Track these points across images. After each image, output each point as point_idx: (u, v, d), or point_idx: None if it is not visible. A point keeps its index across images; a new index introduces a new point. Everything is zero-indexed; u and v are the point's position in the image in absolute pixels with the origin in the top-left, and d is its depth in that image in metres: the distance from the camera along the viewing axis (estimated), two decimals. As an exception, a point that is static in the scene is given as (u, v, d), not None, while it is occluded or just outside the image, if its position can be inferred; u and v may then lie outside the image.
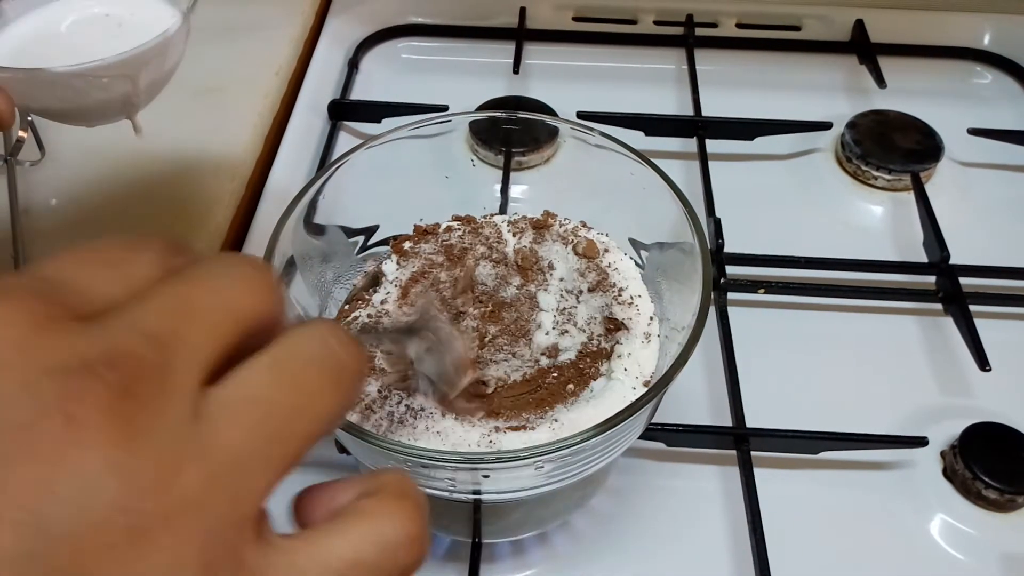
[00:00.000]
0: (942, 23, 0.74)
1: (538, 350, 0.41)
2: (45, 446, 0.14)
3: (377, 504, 0.18)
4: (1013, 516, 0.44)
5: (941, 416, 0.49)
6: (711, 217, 0.57)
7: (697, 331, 0.36)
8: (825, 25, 0.76)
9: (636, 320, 0.42)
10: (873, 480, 0.47)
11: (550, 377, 0.40)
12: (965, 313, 0.52)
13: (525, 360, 0.41)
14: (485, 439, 0.36)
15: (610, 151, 0.45)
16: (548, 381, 0.40)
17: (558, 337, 0.42)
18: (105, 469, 0.15)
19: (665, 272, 0.44)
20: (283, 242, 0.40)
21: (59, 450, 0.14)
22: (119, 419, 0.15)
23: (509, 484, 0.35)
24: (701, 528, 0.45)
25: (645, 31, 0.76)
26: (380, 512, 0.18)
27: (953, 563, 0.43)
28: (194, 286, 0.17)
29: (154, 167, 0.60)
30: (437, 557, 0.43)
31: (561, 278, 0.44)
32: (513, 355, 0.41)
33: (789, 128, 0.65)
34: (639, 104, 0.66)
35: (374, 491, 0.18)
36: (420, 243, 0.46)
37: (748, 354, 0.50)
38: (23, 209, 0.55)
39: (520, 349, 0.41)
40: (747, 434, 0.46)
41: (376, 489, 0.18)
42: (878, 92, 0.69)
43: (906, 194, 0.61)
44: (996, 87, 0.72)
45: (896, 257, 0.58)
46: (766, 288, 0.55)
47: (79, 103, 0.40)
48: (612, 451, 0.37)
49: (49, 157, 0.58)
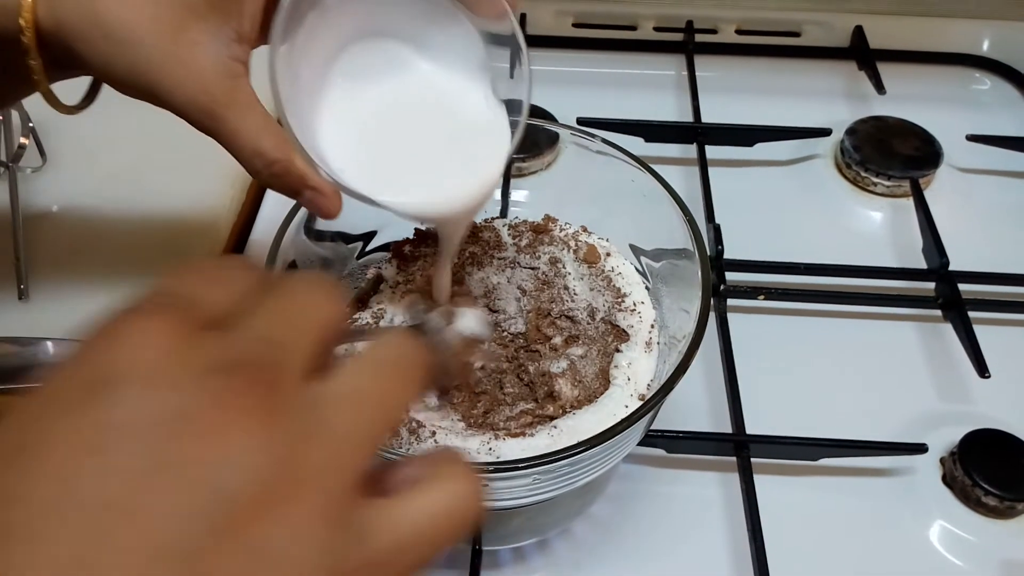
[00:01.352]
0: (941, 29, 0.75)
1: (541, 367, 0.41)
2: (208, 428, 0.18)
3: (445, 470, 0.22)
4: (1012, 523, 0.45)
5: (940, 423, 0.49)
6: (711, 223, 0.57)
7: (697, 338, 0.36)
8: (824, 31, 0.76)
9: (638, 328, 0.42)
10: (873, 487, 0.47)
11: (551, 381, 0.40)
12: (964, 319, 0.52)
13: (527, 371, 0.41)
14: (485, 446, 0.36)
15: (610, 157, 0.45)
16: (548, 386, 0.40)
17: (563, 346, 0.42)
18: (255, 446, 0.18)
19: (665, 278, 0.44)
20: (285, 248, 0.40)
21: (219, 432, 0.18)
22: (259, 407, 0.19)
23: (508, 492, 0.35)
24: (701, 535, 0.45)
25: (645, 37, 0.76)
26: (449, 475, 0.22)
27: (953, 570, 0.43)
28: (289, 302, 0.22)
29: (155, 173, 0.60)
30: (437, 564, 0.43)
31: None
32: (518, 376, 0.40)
33: (789, 134, 0.65)
34: (639, 110, 0.66)
35: (438, 462, 0.23)
36: (420, 247, 0.46)
37: (748, 360, 0.50)
38: (25, 215, 0.55)
39: (525, 367, 0.41)
40: (747, 441, 0.46)
41: (438, 460, 0.23)
42: (877, 98, 0.69)
43: (905, 200, 0.61)
44: (995, 93, 0.73)
45: (895, 263, 0.58)
46: (766, 294, 0.55)
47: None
48: (611, 459, 0.37)
49: (50, 164, 0.59)
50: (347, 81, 0.37)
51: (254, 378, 0.19)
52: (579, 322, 0.42)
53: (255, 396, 0.19)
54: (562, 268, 0.45)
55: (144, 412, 0.18)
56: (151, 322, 0.19)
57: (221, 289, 0.22)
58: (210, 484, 0.18)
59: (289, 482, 0.19)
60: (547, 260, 0.45)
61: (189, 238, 0.56)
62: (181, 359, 0.19)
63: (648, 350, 0.42)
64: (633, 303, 0.44)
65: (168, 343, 0.19)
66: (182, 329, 0.19)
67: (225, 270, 0.23)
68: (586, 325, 0.42)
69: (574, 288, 0.44)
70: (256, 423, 0.18)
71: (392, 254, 0.46)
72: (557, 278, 0.44)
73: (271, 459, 0.18)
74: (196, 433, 0.18)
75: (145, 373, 0.18)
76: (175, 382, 0.18)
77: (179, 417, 0.18)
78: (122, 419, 0.18)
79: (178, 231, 0.56)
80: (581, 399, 0.39)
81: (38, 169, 0.58)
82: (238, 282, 0.22)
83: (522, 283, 0.44)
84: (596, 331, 0.42)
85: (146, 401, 0.18)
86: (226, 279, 0.22)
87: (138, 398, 0.18)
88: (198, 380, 0.19)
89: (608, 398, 0.39)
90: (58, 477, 0.17)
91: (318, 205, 0.37)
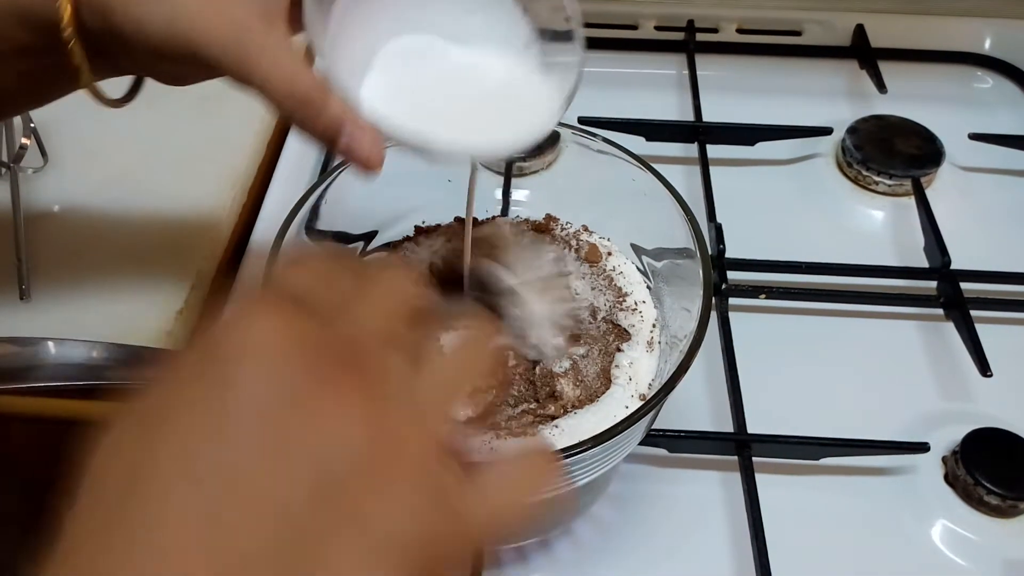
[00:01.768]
0: (943, 28, 0.75)
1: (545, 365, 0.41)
2: (316, 408, 0.20)
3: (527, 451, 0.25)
4: (1015, 522, 0.44)
5: (942, 422, 0.49)
6: (712, 222, 0.57)
7: (699, 338, 0.36)
8: (826, 30, 0.76)
9: (639, 327, 0.42)
10: (875, 486, 0.46)
11: (553, 381, 0.40)
12: (966, 318, 0.52)
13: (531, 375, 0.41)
14: (485, 446, 0.36)
15: (611, 156, 0.45)
16: (551, 386, 0.40)
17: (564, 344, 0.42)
18: (354, 424, 0.21)
19: (666, 277, 0.44)
20: (285, 248, 0.40)
21: (324, 411, 0.20)
22: (365, 389, 0.21)
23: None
24: (702, 534, 0.45)
25: (646, 36, 0.76)
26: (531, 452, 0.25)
27: (955, 569, 0.43)
28: (384, 292, 0.25)
29: (156, 174, 0.60)
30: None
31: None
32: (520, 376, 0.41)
33: (790, 133, 0.65)
34: (640, 109, 0.66)
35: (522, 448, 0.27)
36: (419, 245, 0.46)
37: (749, 359, 0.50)
38: (26, 215, 0.55)
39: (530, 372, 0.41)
40: (748, 440, 0.46)
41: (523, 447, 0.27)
42: (879, 97, 0.69)
43: (907, 199, 0.61)
44: (997, 92, 0.72)
45: (897, 262, 0.58)
46: (767, 293, 0.55)
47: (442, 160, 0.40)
48: (612, 459, 0.37)
49: (51, 164, 0.59)
50: (388, 47, 0.37)
51: (355, 363, 0.22)
52: (581, 321, 0.42)
53: (355, 379, 0.21)
54: (563, 268, 0.45)
55: (260, 390, 0.20)
56: (268, 313, 0.21)
57: (324, 283, 0.24)
58: (314, 456, 0.20)
59: (385, 456, 0.21)
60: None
61: (190, 238, 0.56)
62: (295, 346, 0.21)
63: (649, 349, 0.42)
64: (634, 302, 0.44)
65: (283, 331, 0.21)
66: (295, 321, 0.21)
67: (325, 261, 0.26)
68: (587, 324, 0.42)
69: (575, 288, 0.44)
70: (356, 403, 0.21)
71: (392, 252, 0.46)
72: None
73: (369, 436, 0.20)
74: (305, 411, 0.20)
75: (263, 356, 0.21)
76: (289, 366, 0.21)
77: (290, 397, 0.20)
78: (240, 396, 0.20)
79: (179, 231, 0.56)
80: (582, 399, 0.39)
81: (39, 169, 0.58)
82: (336, 273, 0.25)
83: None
84: (597, 331, 0.42)
85: (262, 381, 0.20)
86: (327, 272, 0.25)
87: (255, 378, 0.20)
88: (308, 364, 0.21)
89: (609, 398, 0.39)
90: (183, 447, 0.19)
91: (358, 149, 0.34)
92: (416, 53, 0.37)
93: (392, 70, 0.37)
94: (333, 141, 0.34)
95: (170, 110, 0.43)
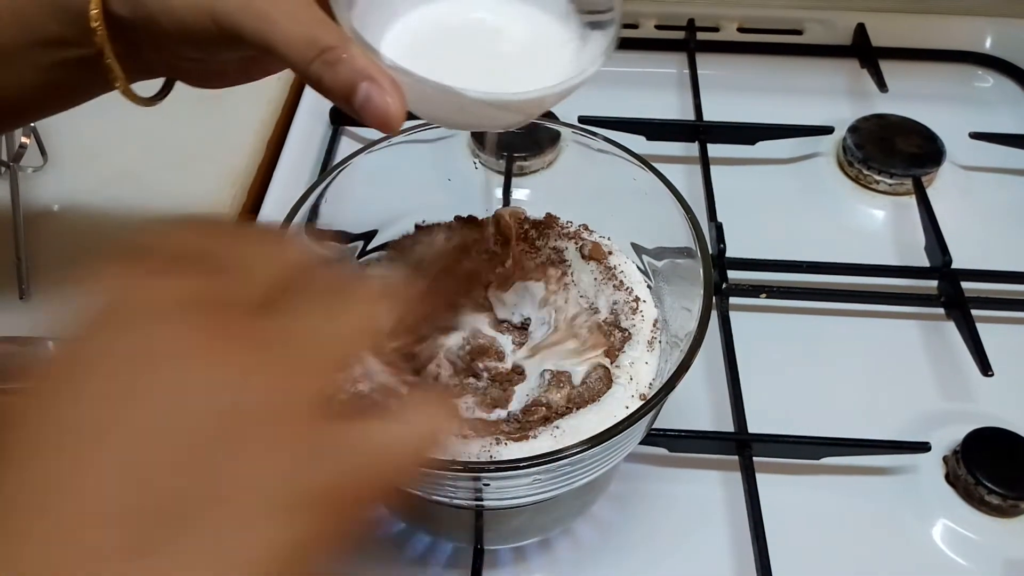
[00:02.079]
0: (943, 27, 0.74)
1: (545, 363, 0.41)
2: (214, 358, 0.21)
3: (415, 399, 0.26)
4: (1015, 521, 0.44)
5: (943, 421, 0.48)
6: (713, 222, 0.57)
7: (699, 337, 0.36)
8: (826, 29, 0.76)
9: (640, 326, 0.42)
10: (875, 486, 0.46)
11: (554, 382, 0.40)
12: (967, 318, 0.52)
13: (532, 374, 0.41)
14: (486, 450, 0.36)
15: (612, 155, 0.45)
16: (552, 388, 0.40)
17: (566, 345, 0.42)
18: (248, 370, 0.21)
19: (667, 277, 0.44)
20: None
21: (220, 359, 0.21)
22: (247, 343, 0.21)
23: (509, 492, 0.35)
24: (703, 534, 0.45)
25: (647, 35, 0.76)
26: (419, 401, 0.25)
27: (956, 569, 0.43)
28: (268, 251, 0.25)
29: (156, 173, 0.60)
30: (439, 564, 0.43)
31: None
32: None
33: (790, 132, 0.65)
34: (641, 108, 0.66)
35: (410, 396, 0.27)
36: (418, 244, 0.46)
37: (750, 359, 0.50)
38: (26, 214, 0.55)
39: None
40: (749, 440, 0.46)
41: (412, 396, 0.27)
42: (879, 96, 0.69)
43: (908, 198, 0.61)
44: (998, 91, 0.72)
45: (898, 262, 0.58)
46: (768, 293, 0.55)
47: (467, 121, 0.37)
48: (613, 458, 0.37)
49: (51, 163, 0.59)
50: (412, 8, 0.37)
51: (234, 320, 0.22)
52: (580, 324, 0.42)
53: (214, 330, 0.21)
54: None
55: (118, 345, 0.20)
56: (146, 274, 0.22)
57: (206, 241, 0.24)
58: (175, 411, 0.20)
59: (260, 415, 0.20)
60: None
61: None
62: (175, 306, 0.21)
63: (650, 349, 0.42)
64: (635, 301, 0.44)
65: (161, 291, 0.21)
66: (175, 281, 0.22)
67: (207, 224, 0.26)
68: (587, 324, 0.42)
69: (579, 283, 0.44)
70: (233, 362, 0.21)
71: (392, 251, 0.46)
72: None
73: (232, 389, 0.20)
74: (165, 365, 0.20)
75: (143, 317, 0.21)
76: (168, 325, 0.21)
77: (150, 350, 0.20)
78: (96, 351, 0.20)
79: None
80: (583, 398, 0.39)
81: (39, 168, 0.58)
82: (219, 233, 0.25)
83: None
84: (598, 330, 0.42)
85: (119, 337, 0.21)
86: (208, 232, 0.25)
87: (131, 342, 0.21)
88: (188, 324, 0.21)
89: (610, 397, 0.39)
90: (39, 406, 0.20)
91: (376, 102, 0.32)
92: (443, 13, 0.37)
93: (415, 26, 0.37)
94: (351, 94, 0.32)
95: (170, 110, 0.43)
